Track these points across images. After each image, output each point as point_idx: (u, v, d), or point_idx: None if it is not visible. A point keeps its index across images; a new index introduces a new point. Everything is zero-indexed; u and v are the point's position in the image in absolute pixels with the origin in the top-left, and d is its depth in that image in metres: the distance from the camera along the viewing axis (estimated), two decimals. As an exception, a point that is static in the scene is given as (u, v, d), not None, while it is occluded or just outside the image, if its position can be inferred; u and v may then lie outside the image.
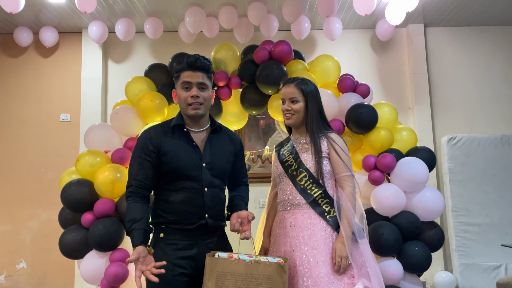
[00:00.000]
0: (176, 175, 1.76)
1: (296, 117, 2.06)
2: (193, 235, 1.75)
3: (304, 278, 1.84)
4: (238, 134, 4.82)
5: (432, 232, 2.87)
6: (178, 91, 1.84)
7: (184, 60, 1.81)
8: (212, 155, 1.84)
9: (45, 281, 4.57)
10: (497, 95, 5.02)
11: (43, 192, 4.67)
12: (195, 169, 1.78)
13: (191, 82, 1.79)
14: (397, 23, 4.18)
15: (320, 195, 1.96)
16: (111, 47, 4.98)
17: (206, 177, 1.79)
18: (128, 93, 3.21)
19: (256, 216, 3.58)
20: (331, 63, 3.26)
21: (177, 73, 1.83)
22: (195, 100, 1.79)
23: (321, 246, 1.88)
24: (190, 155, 1.79)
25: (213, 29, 4.39)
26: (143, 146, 1.78)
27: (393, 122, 3.16)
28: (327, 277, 1.82)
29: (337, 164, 2.00)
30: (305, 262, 1.87)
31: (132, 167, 1.79)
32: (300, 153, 2.04)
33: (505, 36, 5.10)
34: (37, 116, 4.83)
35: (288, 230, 1.98)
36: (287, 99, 2.07)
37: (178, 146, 1.80)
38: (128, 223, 1.69)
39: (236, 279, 1.59)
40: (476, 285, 4.37)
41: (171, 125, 1.83)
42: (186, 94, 1.79)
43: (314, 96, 2.08)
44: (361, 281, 1.83)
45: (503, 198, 4.59)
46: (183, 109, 1.83)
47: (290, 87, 2.07)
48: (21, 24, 4.68)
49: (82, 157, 2.96)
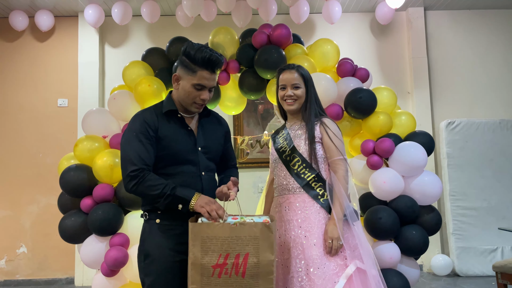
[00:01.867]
0: (174, 159, 1.74)
1: (299, 102, 2.07)
2: (188, 219, 1.72)
3: (297, 259, 1.89)
4: (236, 119, 4.85)
5: (429, 216, 2.90)
6: (186, 86, 1.72)
7: (206, 55, 1.67)
8: (206, 139, 1.83)
9: (46, 265, 4.61)
10: (497, 80, 5.00)
11: (42, 177, 4.68)
12: (192, 153, 1.77)
13: (206, 86, 1.73)
14: (397, 6, 4.14)
15: (313, 178, 1.99)
16: (107, 31, 4.92)
17: (203, 161, 1.79)
18: (126, 78, 3.19)
19: (254, 201, 3.60)
20: (330, 47, 3.23)
21: (192, 62, 1.69)
22: (203, 102, 1.76)
23: (314, 229, 1.92)
24: (186, 140, 1.77)
25: (211, 13, 4.34)
26: (142, 129, 1.71)
27: (392, 107, 3.15)
28: (320, 258, 1.86)
29: (329, 149, 2.01)
30: (298, 244, 1.91)
31: (131, 150, 1.69)
32: (294, 139, 2.06)
33: (506, 20, 5.06)
34: (34, 102, 4.80)
35: (283, 214, 2.01)
36: (289, 85, 2.06)
37: (175, 131, 1.76)
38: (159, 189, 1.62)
39: (222, 243, 1.56)
40: (472, 268, 4.43)
41: (164, 111, 1.77)
42: (197, 94, 1.72)
43: (312, 82, 2.10)
44: (353, 262, 1.87)
45: (501, 182, 4.61)
46: (185, 103, 1.76)
47: (292, 73, 2.06)
48: (17, 8, 4.62)
49: (80, 142, 2.96)
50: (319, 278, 1.83)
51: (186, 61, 1.71)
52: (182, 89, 1.74)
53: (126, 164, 1.69)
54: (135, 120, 1.76)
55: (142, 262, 1.72)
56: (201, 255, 1.55)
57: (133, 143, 1.70)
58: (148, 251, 1.71)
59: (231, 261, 1.55)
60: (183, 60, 1.72)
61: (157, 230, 1.72)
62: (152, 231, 1.73)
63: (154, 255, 1.69)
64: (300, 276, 1.86)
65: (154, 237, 1.71)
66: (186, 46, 1.71)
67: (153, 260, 1.69)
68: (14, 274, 4.60)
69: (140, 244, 1.76)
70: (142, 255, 1.73)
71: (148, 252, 1.71)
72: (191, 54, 1.68)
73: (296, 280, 1.87)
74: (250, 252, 1.57)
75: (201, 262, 1.55)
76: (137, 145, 1.69)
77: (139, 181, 1.65)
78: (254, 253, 1.57)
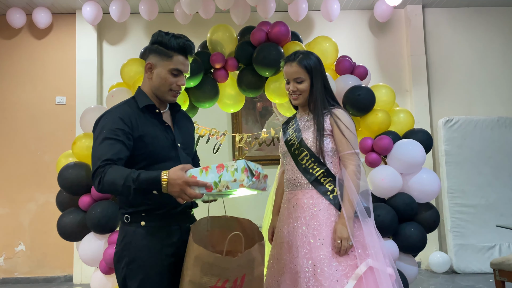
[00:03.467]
0: (155, 157, 1.65)
1: (303, 96, 1.96)
2: (175, 220, 1.68)
3: (304, 259, 1.80)
4: (235, 117, 4.85)
5: (427, 213, 2.90)
6: (162, 73, 1.67)
7: (182, 41, 1.66)
8: (182, 135, 1.78)
9: (44, 263, 4.61)
10: (495, 77, 5.00)
11: (40, 175, 4.67)
12: (173, 150, 1.70)
13: (183, 71, 1.69)
14: (395, 3, 4.13)
15: (322, 173, 1.89)
16: (105, 29, 4.91)
17: (183, 157, 1.73)
18: (124, 75, 3.18)
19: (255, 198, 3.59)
20: (329, 44, 3.23)
21: (166, 48, 1.66)
22: (179, 88, 1.70)
23: (323, 227, 1.83)
24: (166, 136, 1.70)
25: (209, 10, 4.33)
26: (116, 126, 1.59)
27: (391, 104, 3.16)
28: (328, 258, 1.77)
29: (340, 142, 1.90)
30: (305, 243, 1.83)
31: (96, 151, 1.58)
32: (302, 131, 1.97)
33: (504, 17, 5.06)
34: (32, 99, 4.79)
35: (291, 211, 1.93)
36: (291, 79, 1.95)
37: (154, 127, 1.68)
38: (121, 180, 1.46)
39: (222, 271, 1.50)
40: (470, 265, 4.44)
41: (141, 106, 1.68)
42: (173, 80, 1.67)
43: (318, 70, 1.95)
44: (365, 262, 1.77)
45: (499, 179, 4.62)
46: (161, 92, 1.69)
47: (293, 66, 1.94)
48: (14, 5, 4.60)
49: (78, 140, 2.96)
50: (326, 279, 1.74)
51: (159, 48, 1.67)
52: (157, 76, 1.68)
53: (92, 167, 1.58)
54: (107, 117, 1.65)
55: (125, 268, 1.61)
56: (200, 275, 1.51)
57: (97, 142, 1.60)
58: (133, 255, 1.61)
59: (229, 285, 1.53)
60: (156, 48, 1.68)
61: (143, 233, 1.62)
62: (136, 234, 1.62)
63: (141, 259, 1.60)
64: (307, 277, 1.77)
65: (140, 241, 1.61)
66: (158, 35, 1.69)
67: (140, 265, 1.59)
68: (12, 272, 4.60)
69: (121, 249, 1.64)
70: (123, 260, 1.62)
71: (133, 257, 1.60)
72: (166, 40, 1.65)
73: (303, 281, 1.78)
74: (247, 272, 1.55)
75: (200, 281, 1.51)
76: (101, 144, 1.57)
77: (101, 179, 1.50)
78: (250, 272, 1.56)
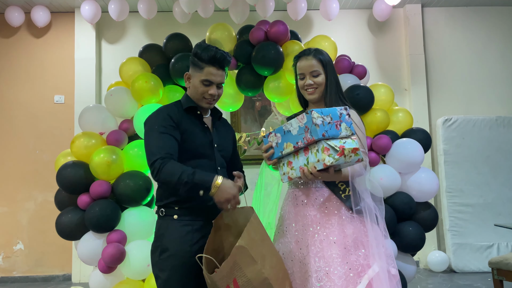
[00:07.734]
0: (193, 153, 1.82)
1: (320, 90, 1.92)
2: (206, 214, 1.79)
3: (316, 258, 1.77)
4: (234, 116, 4.84)
5: (426, 212, 2.91)
6: (195, 82, 1.85)
7: (212, 53, 1.80)
8: (220, 138, 1.93)
9: (43, 262, 4.61)
10: (493, 77, 5.01)
11: (38, 174, 4.67)
12: (209, 149, 1.87)
13: (213, 82, 1.83)
14: (394, 3, 4.13)
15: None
16: (104, 27, 4.90)
17: (218, 157, 1.89)
18: (123, 74, 3.18)
19: (250, 198, 3.60)
20: (328, 43, 3.23)
21: (199, 60, 1.82)
22: (212, 97, 1.85)
23: (334, 226, 1.80)
24: (204, 135, 1.87)
25: (208, 9, 4.32)
26: (167, 123, 1.78)
27: (389, 104, 3.16)
28: (340, 257, 1.74)
29: None
30: (317, 241, 1.79)
31: (152, 142, 1.76)
32: None
33: (503, 17, 5.07)
34: (31, 98, 4.78)
35: (300, 209, 1.89)
36: (307, 73, 1.92)
37: (194, 126, 1.86)
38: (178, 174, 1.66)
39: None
40: (468, 264, 4.45)
41: (184, 107, 1.87)
42: (205, 89, 1.83)
43: (331, 66, 1.95)
44: (376, 263, 1.74)
45: (497, 179, 4.63)
46: (197, 99, 1.87)
47: (308, 60, 1.91)
48: (13, 4, 4.59)
49: (77, 139, 2.95)
50: (339, 278, 1.71)
51: (195, 60, 1.85)
52: (192, 86, 1.87)
53: (148, 156, 1.75)
54: (158, 114, 1.84)
55: (158, 257, 1.76)
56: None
57: (155, 135, 1.77)
58: (165, 246, 1.74)
59: None
60: (192, 59, 1.86)
61: (175, 226, 1.77)
62: (170, 227, 1.77)
63: (172, 250, 1.73)
64: (320, 276, 1.73)
65: (172, 233, 1.75)
66: (196, 47, 1.85)
67: (171, 255, 1.73)
68: (11, 271, 4.59)
69: (156, 240, 1.80)
70: (158, 250, 1.77)
71: (165, 247, 1.74)
72: (199, 53, 1.82)
73: (315, 280, 1.73)
74: (237, 276, 1.61)
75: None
76: (158, 137, 1.76)
77: (160, 169, 1.69)
78: (240, 275, 1.61)
